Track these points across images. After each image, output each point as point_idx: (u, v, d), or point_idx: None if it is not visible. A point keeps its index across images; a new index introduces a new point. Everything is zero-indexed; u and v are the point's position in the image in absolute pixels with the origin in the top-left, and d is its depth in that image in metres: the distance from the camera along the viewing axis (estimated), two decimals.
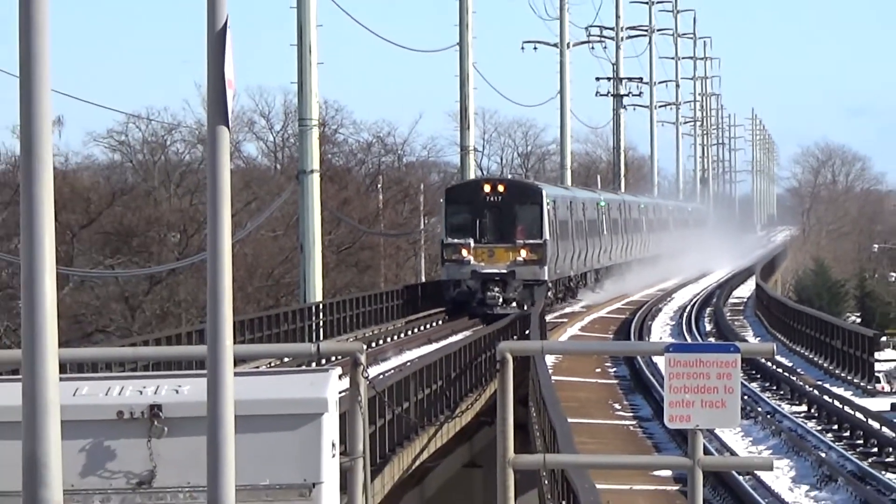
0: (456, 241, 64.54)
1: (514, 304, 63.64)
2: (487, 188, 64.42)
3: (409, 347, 57.18)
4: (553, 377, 41.67)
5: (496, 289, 63.99)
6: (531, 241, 62.40)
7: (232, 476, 12.27)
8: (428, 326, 64.89)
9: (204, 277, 21.56)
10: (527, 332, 54.73)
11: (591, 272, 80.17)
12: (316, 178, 56.63)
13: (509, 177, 79.74)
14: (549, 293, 65.30)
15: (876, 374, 55.08)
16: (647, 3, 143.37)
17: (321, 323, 58.00)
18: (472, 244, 63.98)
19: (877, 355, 55.62)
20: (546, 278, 64.91)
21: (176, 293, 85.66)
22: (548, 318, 66.76)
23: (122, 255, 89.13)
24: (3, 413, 13.37)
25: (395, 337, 62.12)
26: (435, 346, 54.24)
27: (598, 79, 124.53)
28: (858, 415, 42.34)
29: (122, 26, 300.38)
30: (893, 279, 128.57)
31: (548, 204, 64.59)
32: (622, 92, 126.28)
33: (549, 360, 44.22)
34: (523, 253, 62.37)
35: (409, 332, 61.68)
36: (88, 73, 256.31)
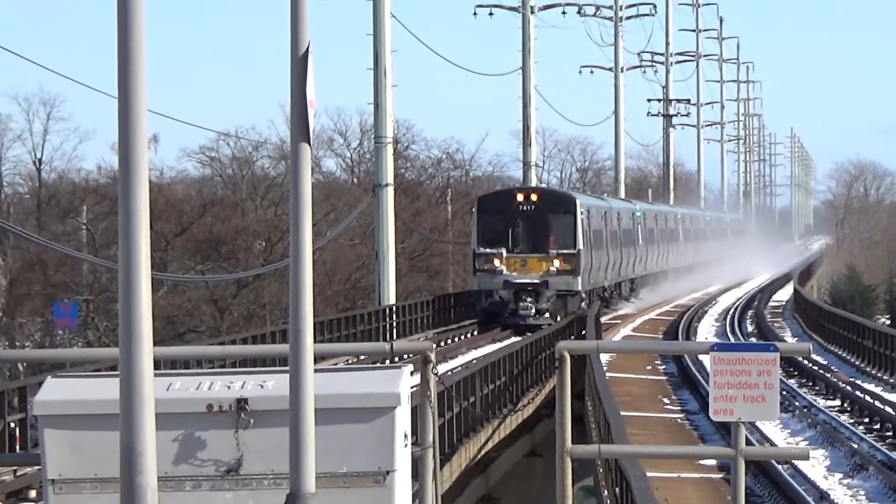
0: (488, 250, 60.07)
1: (546, 314, 59.97)
2: (520, 197, 59.81)
3: (477, 346, 55.76)
4: (607, 374, 41.52)
5: (529, 299, 60.02)
6: (564, 251, 58.26)
7: (312, 464, 12.67)
8: (459, 339, 61.46)
9: (287, 282, 21.88)
10: (583, 332, 54.05)
11: (625, 282, 74.80)
12: (390, 191, 56.57)
13: (542, 186, 73.44)
14: (583, 304, 61.58)
15: None
16: (694, 30, 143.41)
17: (394, 324, 57.19)
18: (505, 254, 59.64)
19: None
20: (580, 289, 60.37)
21: (261, 296, 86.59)
22: (602, 319, 65.50)
23: (212, 261, 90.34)
24: (104, 406, 13.35)
25: (461, 337, 60.64)
26: (499, 345, 53.47)
27: (649, 100, 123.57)
28: (888, 409, 42.76)
29: (214, 49, 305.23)
30: None
31: (581, 213, 60.27)
32: (671, 112, 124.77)
33: (604, 357, 44.08)
34: (556, 263, 58.17)
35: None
36: (182, 94, 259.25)
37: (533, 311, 59.10)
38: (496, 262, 59.79)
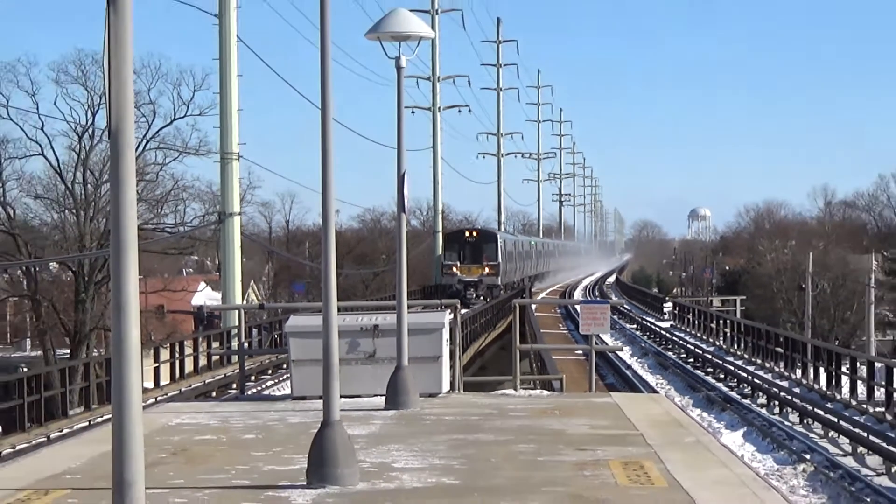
0: (449, 262, 77.92)
1: (481, 298, 75.97)
2: (467, 234, 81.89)
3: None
4: (535, 313, 67.36)
5: (471, 289, 77.31)
6: (491, 262, 77.24)
7: (406, 353, 20.40)
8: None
9: (394, 276, 29.71)
10: (522, 296, 78.16)
11: (527, 278, 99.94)
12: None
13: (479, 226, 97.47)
14: (501, 291, 79.27)
15: (664, 312, 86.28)
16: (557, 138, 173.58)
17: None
18: (459, 264, 78.52)
19: (665, 307, 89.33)
20: (500, 283, 80.00)
21: (384, 281, 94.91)
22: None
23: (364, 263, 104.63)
24: (312, 328, 20.14)
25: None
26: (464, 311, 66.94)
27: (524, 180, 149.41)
28: (656, 325, 73.51)
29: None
30: (672, 273, 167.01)
31: (500, 242, 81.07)
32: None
33: (533, 307, 69.87)
34: (486, 269, 76.88)
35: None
36: None
37: (474, 295, 77.29)
38: (454, 269, 78.53)
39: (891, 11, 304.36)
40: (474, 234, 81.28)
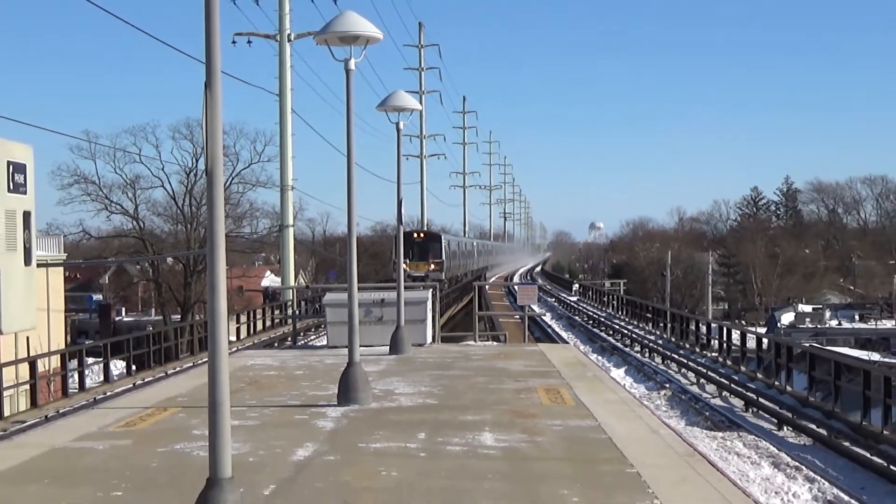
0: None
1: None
2: (416, 235, 62.42)
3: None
4: (489, 291, 67.72)
5: (419, 283, 64.91)
6: (436, 260, 60.49)
7: (403, 317, 20.06)
8: None
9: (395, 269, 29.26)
10: (477, 281, 68.49)
11: (469, 272, 79.91)
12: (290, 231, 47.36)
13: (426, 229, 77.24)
14: (446, 285, 68.57)
15: (573, 291, 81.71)
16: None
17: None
18: (408, 262, 62.54)
19: (573, 287, 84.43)
20: (444, 278, 65.10)
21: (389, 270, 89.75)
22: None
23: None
24: (341, 301, 20.73)
25: None
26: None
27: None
28: (569, 299, 71.79)
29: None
30: (577, 265, 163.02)
31: (444, 242, 64.00)
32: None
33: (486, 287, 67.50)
34: (432, 265, 59.87)
35: None
36: None
37: (422, 287, 67.72)
38: (405, 265, 64.61)
39: (697, 51, 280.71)
40: (422, 235, 63.78)
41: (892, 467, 15.82)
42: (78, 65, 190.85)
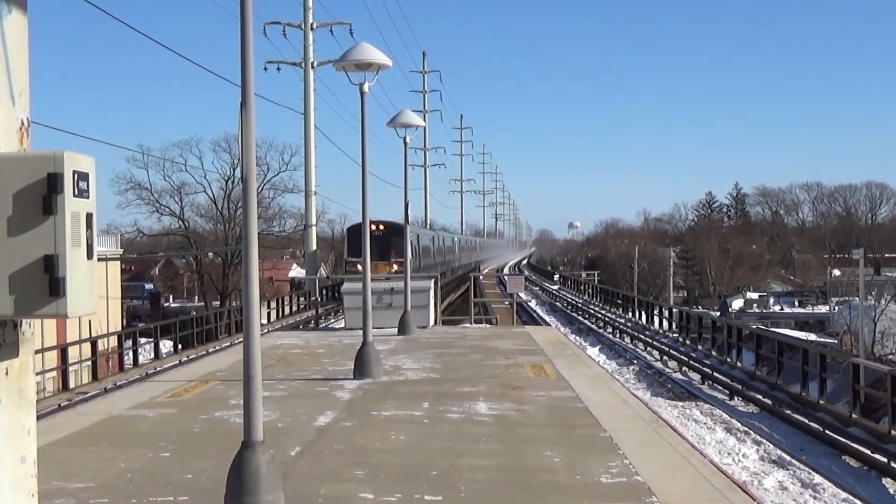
0: (353, 259, 42.32)
1: None
2: (373, 227, 40.10)
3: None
4: (483, 281, 59.51)
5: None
6: (399, 259, 41.60)
7: (409, 303, 19.57)
8: None
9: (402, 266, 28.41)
10: (472, 273, 67.14)
11: (448, 270, 60.58)
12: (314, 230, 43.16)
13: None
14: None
15: (555, 281, 79.67)
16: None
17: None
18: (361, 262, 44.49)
19: (555, 278, 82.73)
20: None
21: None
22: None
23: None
24: (356, 288, 20.17)
25: None
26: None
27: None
28: (552, 288, 69.21)
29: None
30: (558, 259, 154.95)
31: (412, 237, 42.00)
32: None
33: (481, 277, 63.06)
34: (395, 266, 41.82)
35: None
36: None
37: None
38: (359, 266, 43.70)
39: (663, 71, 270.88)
40: (380, 227, 43.07)
41: (826, 431, 15.73)
42: (134, 87, 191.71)
